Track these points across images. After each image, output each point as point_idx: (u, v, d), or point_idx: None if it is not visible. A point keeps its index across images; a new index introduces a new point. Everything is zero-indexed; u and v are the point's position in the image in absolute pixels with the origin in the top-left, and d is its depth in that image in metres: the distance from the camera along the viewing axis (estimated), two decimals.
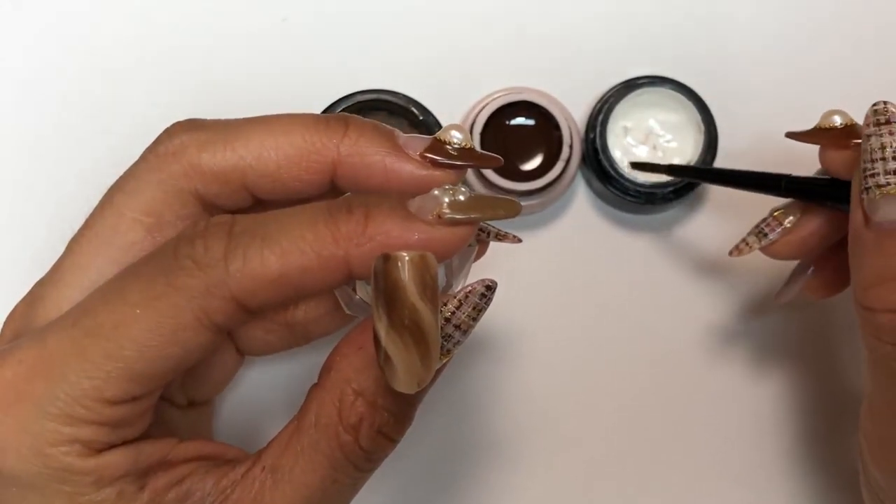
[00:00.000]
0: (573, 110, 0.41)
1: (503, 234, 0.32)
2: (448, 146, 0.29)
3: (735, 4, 0.43)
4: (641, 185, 0.40)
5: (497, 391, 0.42)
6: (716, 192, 0.43)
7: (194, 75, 0.41)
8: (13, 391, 0.27)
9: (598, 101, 0.41)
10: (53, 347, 0.27)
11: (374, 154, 0.29)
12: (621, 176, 0.40)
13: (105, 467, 0.27)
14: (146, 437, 0.29)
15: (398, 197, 0.27)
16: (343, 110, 0.39)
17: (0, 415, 0.27)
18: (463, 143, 0.29)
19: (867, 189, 0.29)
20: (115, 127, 0.41)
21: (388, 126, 0.30)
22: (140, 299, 0.26)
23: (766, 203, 0.42)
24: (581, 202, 0.43)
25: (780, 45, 0.43)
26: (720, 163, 0.41)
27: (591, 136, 0.40)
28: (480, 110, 0.40)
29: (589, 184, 0.42)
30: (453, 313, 0.27)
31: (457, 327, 0.27)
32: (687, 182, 0.40)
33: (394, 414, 0.28)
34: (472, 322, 0.27)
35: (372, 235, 0.26)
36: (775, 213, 0.35)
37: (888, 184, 0.29)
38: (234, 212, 0.30)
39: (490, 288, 0.27)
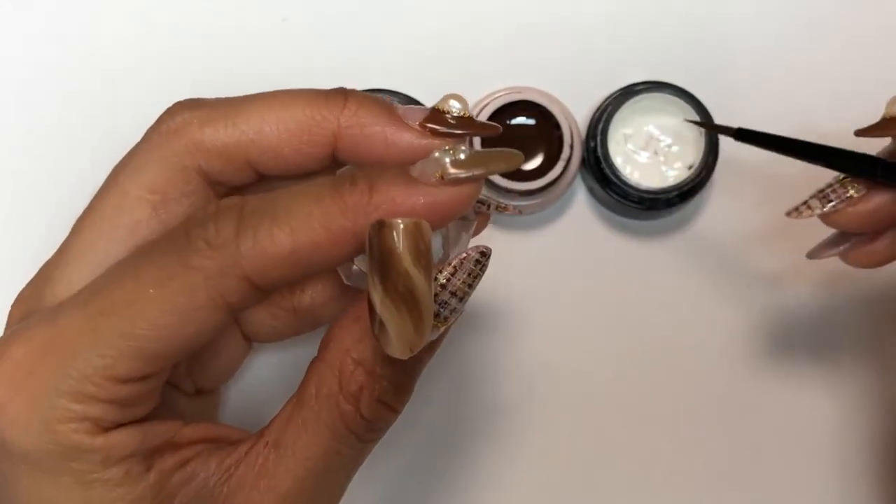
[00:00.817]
0: (574, 111, 0.41)
1: (503, 205, 0.32)
2: (447, 115, 0.29)
3: (733, 7, 0.43)
4: (644, 191, 0.40)
5: (496, 391, 0.42)
6: (717, 197, 0.43)
7: (194, 75, 0.41)
8: (24, 369, 0.27)
9: (598, 109, 0.41)
10: (65, 325, 0.27)
11: (373, 125, 0.29)
12: (623, 182, 0.40)
13: (113, 446, 0.27)
14: (153, 418, 0.29)
15: (400, 166, 0.27)
16: None
17: (11, 392, 0.27)
18: (462, 112, 0.29)
19: None
20: (114, 127, 0.41)
21: (384, 98, 0.30)
22: (153, 279, 0.26)
23: (770, 209, 0.42)
24: (581, 204, 0.43)
25: (779, 47, 0.43)
26: (721, 165, 0.41)
27: (592, 144, 0.40)
28: (481, 110, 0.40)
29: (591, 192, 0.42)
30: (448, 280, 0.27)
31: (452, 294, 0.27)
32: (689, 188, 0.40)
33: (393, 383, 0.28)
34: (467, 289, 0.27)
35: (378, 204, 0.26)
36: (842, 180, 0.34)
37: None
38: (238, 187, 0.31)
39: (484, 254, 0.27)
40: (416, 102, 0.40)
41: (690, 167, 0.41)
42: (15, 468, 0.27)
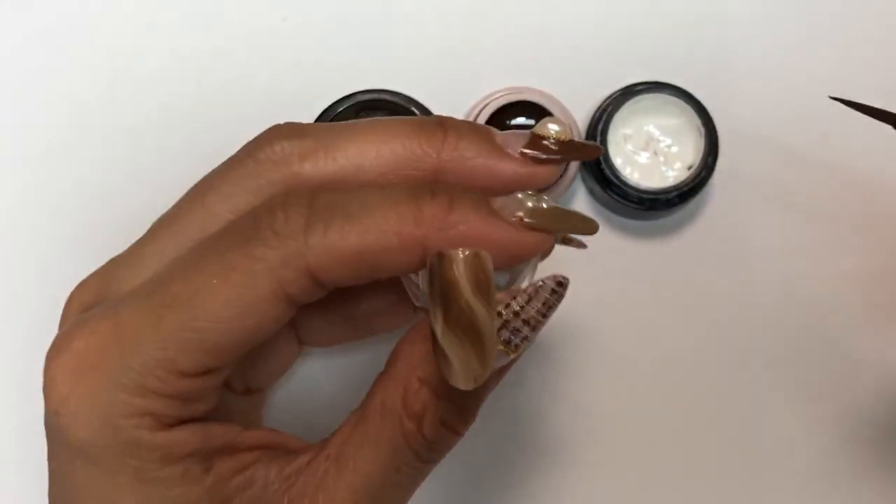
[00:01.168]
0: (573, 111, 0.41)
1: (569, 238, 0.31)
2: (546, 141, 0.28)
3: (732, 7, 0.43)
4: (644, 192, 0.40)
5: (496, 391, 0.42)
6: (717, 198, 0.43)
7: (194, 74, 0.41)
8: (86, 361, 0.26)
9: (597, 110, 0.41)
10: (127, 318, 0.26)
11: (475, 157, 0.28)
12: (624, 183, 0.40)
13: (174, 443, 0.27)
14: (213, 419, 0.28)
15: (482, 194, 0.27)
16: (343, 110, 0.39)
17: (71, 385, 0.26)
18: (561, 136, 0.28)
19: None
20: (114, 127, 0.41)
21: (483, 125, 0.30)
22: (217, 270, 0.26)
23: (770, 209, 0.42)
24: (581, 204, 0.43)
25: (779, 47, 0.43)
26: (721, 165, 0.41)
27: None
28: (481, 110, 0.40)
29: (591, 192, 0.42)
30: (522, 308, 0.27)
31: (525, 322, 0.27)
32: (689, 188, 0.40)
33: (458, 405, 0.28)
34: (541, 318, 0.27)
35: (454, 223, 0.26)
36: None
37: None
38: None
39: (562, 284, 0.27)
40: (416, 102, 0.40)
41: (690, 167, 0.40)
42: (71, 462, 0.27)
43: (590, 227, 0.28)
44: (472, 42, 0.42)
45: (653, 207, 0.40)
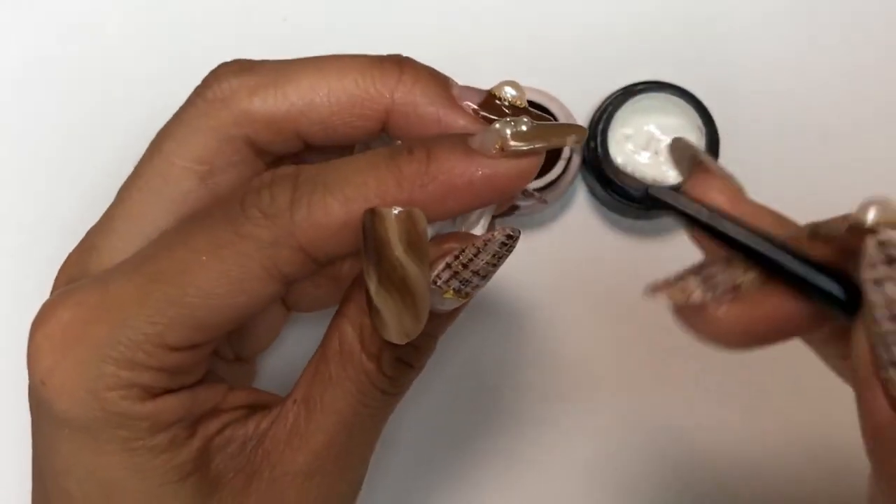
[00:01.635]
0: (574, 111, 0.41)
1: (530, 192, 0.31)
2: (501, 103, 0.28)
3: (733, 6, 0.43)
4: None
5: (494, 390, 0.42)
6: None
7: (194, 74, 0.41)
8: (72, 334, 0.26)
9: (598, 109, 0.41)
10: (115, 292, 0.26)
11: (427, 105, 0.28)
12: (624, 182, 0.40)
13: (161, 412, 0.27)
14: (200, 384, 0.29)
15: (459, 135, 0.26)
16: None
17: (58, 356, 0.26)
18: (516, 102, 0.28)
19: (893, 364, 0.20)
20: (114, 126, 0.41)
21: (442, 74, 0.29)
22: (206, 247, 0.26)
23: (774, 203, 0.42)
24: (581, 204, 0.43)
25: (780, 46, 0.43)
26: (723, 164, 0.40)
27: (593, 144, 0.40)
28: None
29: (592, 192, 0.42)
30: (471, 260, 0.27)
31: (475, 273, 0.27)
32: None
33: (413, 345, 0.28)
34: (491, 268, 0.27)
35: (435, 174, 0.26)
36: (732, 264, 0.24)
37: None
38: (284, 156, 0.30)
39: (511, 237, 0.26)
40: None
41: None
42: (56, 433, 0.27)
43: (579, 133, 0.27)
44: (473, 42, 0.42)
45: (654, 207, 0.40)
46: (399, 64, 0.29)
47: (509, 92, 0.28)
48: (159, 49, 0.42)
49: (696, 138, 0.40)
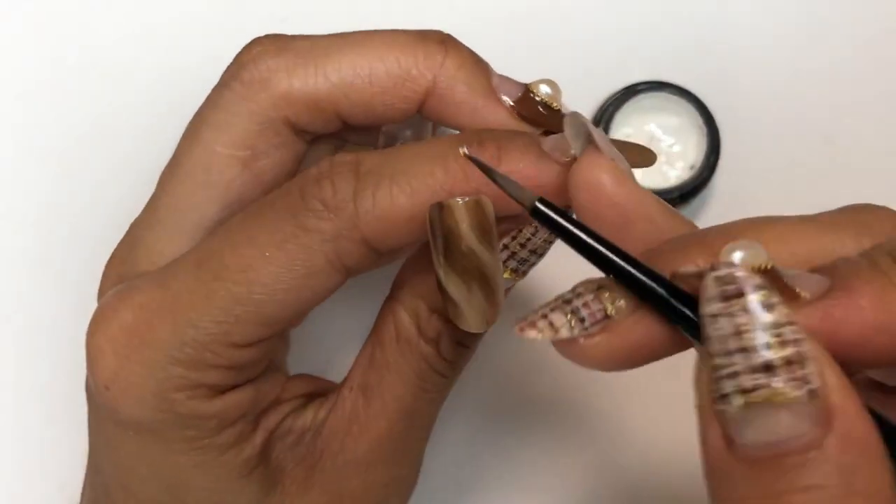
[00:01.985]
0: (574, 110, 0.41)
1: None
2: (538, 102, 0.28)
3: (734, 6, 0.43)
4: None
5: (493, 391, 0.42)
6: (719, 198, 0.42)
7: (194, 74, 0.41)
8: (135, 336, 0.26)
9: (599, 109, 0.41)
10: (177, 291, 0.26)
11: (467, 93, 0.28)
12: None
13: (228, 408, 0.27)
14: (261, 375, 0.28)
15: (531, 135, 0.26)
16: None
17: (122, 359, 0.26)
18: (551, 102, 0.28)
19: (724, 397, 0.20)
20: (114, 126, 0.41)
21: (484, 60, 0.29)
22: (269, 242, 0.25)
23: (772, 210, 0.42)
24: None
25: (781, 46, 0.43)
26: (723, 165, 0.40)
27: None
28: None
29: None
30: (529, 239, 0.26)
31: (532, 252, 0.27)
32: (691, 188, 0.40)
33: None
34: (548, 246, 0.27)
35: (505, 172, 0.25)
36: (599, 291, 0.23)
37: (756, 387, 0.19)
38: (324, 135, 0.29)
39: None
40: None
41: (692, 167, 0.40)
42: (122, 433, 0.27)
43: (648, 158, 0.27)
44: (473, 42, 0.42)
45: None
46: (443, 44, 0.28)
47: (544, 90, 0.28)
48: (158, 49, 0.41)
49: (698, 138, 0.40)
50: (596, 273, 0.23)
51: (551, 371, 0.42)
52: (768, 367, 0.19)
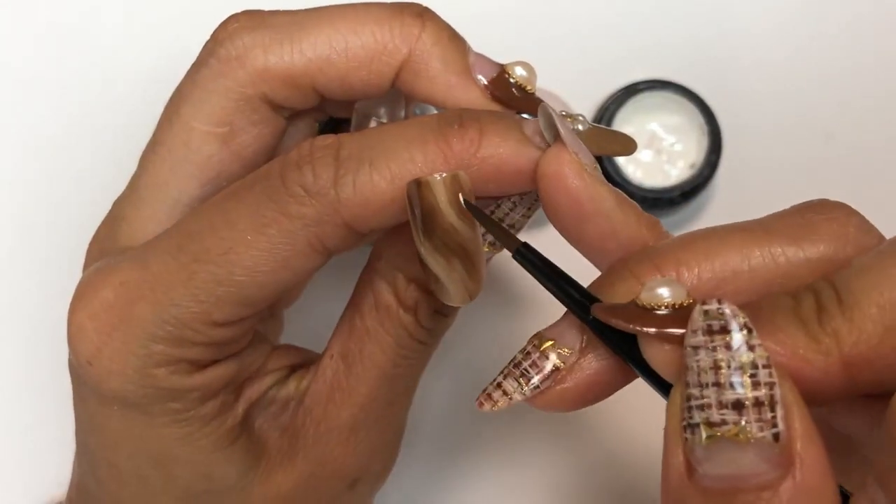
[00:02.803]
0: (576, 110, 0.41)
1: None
2: (512, 84, 0.28)
3: (735, 5, 0.43)
4: (647, 190, 0.40)
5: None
6: (720, 196, 0.42)
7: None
8: (116, 314, 0.26)
9: (600, 108, 0.41)
10: (158, 271, 0.26)
11: (441, 69, 0.28)
12: (626, 181, 0.40)
13: (211, 381, 0.27)
14: (245, 348, 0.29)
15: (514, 118, 0.26)
16: None
17: (104, 337, 0.26)
18: (525, 85, 0.28)
19: (692, 427, 0.20)
20: (114, 126, 0.41)
21: (461, 36, 0.29)
22: (250, 225, 0.25)
23: (773, 208, 0.42)
24: None
25: (782, 45, 0.43)
26: (724, 163, 0.40)
27: None
28: None
29: None
30: (507, 214, 0.27)
31: (510, 226, 0.27)
32: (692, 187, 0.40)
33: None
34: (525, 220, 0.27)
35: (484, 157, 0.25)
36: (541, 344, 0.25)
37: (724, 422, 0.20)
38: (300, 110, 0.29)
39: None
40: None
41: (693, 166, 0.40)
42: (104, 410, 0.27)
43: (628, 146, 0.27)
44: (473, 42, 0.42)
45: (656, 206, 0.40)
46: (420, 17, 0.28)
47: (519, 72, 0.28)
48: (155, 45, 0.41)
49: (699, 136, 0.40)
50: None
51: None
52: (738, 405, 0.20)
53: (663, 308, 0.22)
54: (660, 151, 0.41)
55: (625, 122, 0.41)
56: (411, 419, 0.32)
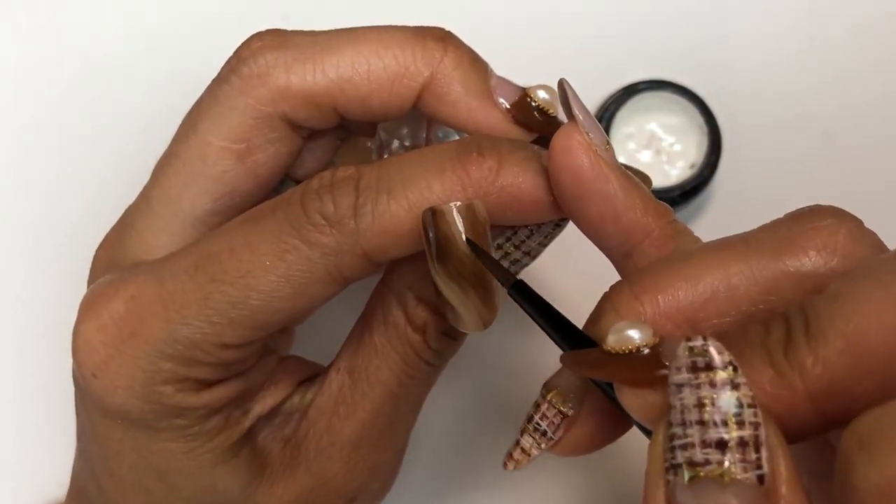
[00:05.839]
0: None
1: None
2: (534, 107, 0.28)
3: (735, 5, 0.43)
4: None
5: (492, 396, 0.42)
6: (720, 196, 0.42)
7: (194, 74, 0.41)
8: (126, 328, 0.26)
9: (599, 109, 0.41)
10: (173, 288, 0.26)
11: (462, 94, 0.28)
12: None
13: (217, 399, 0.27)
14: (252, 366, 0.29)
15: (532, 148, 0.26)
16: None
17: (111, 350, 0.26)
18: (547, 108, 0.28)
19: (674, 467, 0.20)
20: (113, 126, 0.41)
21: (483, 60, 0.29)
22: (270, 250, 0.25)
23: (773, 208, 0.42)
24: None
25: (782, 45, 0.43)
26: (724, 163, 0.40)
27: None
28: None
29: None
30: (524, 241, 0.27)
31: (526, 253, 0.27)
32: (692, 187, 0.40)
33: None
34: (541, 248, 0.27)
35: (502, 187, 0.25)
36: (549, 396, 0.26)
37: (707, 462, 0.19)
38: (321, 130, 0.29)
39: (564, 218, 0.26)
40: None
41: (693, 166, 0.40)
42: (110, 421, 0.27)
43: (646, 181, 0.27)
44: (473, 42, 0.42)
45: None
46: (442, 41, 0.28)
47: (541, 95, 0.28)
48: (158, 49, 0.41)
49: (699, 137, 0.40)
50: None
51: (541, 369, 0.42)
52: (721, 445, 0.19)
53: (631, 350, 0.21)
54: (659, 151, 0.41)
55: (624, 122, 0.41)
56: (412, 438, 0.32)
